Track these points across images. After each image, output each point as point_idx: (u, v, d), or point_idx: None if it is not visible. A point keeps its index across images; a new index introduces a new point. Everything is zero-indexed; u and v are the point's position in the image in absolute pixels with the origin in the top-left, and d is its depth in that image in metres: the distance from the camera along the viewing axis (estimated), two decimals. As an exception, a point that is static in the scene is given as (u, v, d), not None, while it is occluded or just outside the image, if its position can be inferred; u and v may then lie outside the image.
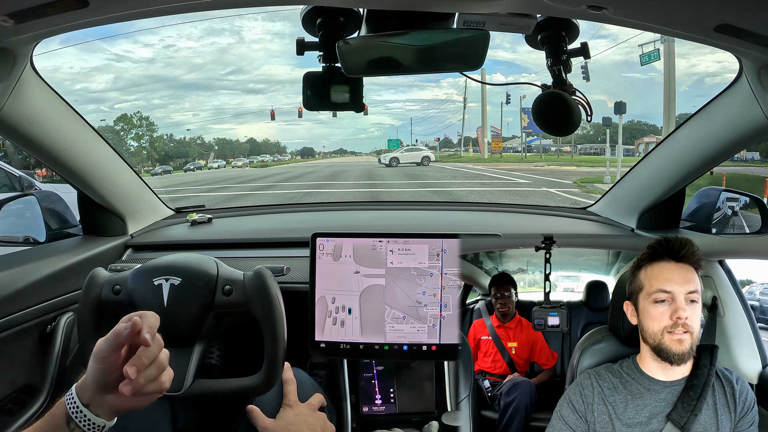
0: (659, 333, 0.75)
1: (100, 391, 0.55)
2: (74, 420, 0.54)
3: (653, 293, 0.76)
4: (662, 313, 0.75)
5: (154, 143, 45.68)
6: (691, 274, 0.76)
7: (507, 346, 1.26)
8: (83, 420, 0.54)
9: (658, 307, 0.75)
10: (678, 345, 0.74)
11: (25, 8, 0.60)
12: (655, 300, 0.76)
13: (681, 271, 0.76)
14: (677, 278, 0.75)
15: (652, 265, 0.78)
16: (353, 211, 1.55)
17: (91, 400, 0.55)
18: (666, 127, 18.51)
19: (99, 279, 0.77)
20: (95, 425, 0.54)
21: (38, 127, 0.89)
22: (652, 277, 0.77)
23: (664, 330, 0.75)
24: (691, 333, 0.74)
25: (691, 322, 0.74)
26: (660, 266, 0.77)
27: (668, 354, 0.75)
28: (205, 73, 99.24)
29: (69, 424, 0.54)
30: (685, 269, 0.76)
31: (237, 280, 0.78)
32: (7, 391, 0.89)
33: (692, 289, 0.75)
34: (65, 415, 0.54)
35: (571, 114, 0.74)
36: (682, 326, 0.74)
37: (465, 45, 0.70)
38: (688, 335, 0.74)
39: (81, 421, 0.54)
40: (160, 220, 1.35)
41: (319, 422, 0.80)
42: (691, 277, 0.76)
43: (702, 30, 0.63)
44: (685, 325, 0.74)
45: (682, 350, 0.74)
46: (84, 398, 0.55)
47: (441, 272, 0.92)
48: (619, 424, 0.77)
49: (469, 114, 48.23)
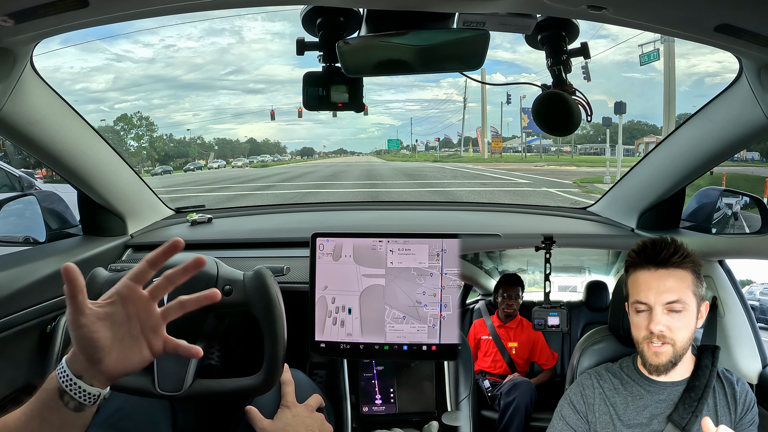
0: (641, 342, 0.74)
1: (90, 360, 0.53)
2: (68, 392, 0.52)
3: (633, 303, 0.75)
4: (641, 323, 0.74)
5: (154, 143, 45.71)
6: (673, 281, 0.72)
7: (507, 346, 1.26)
8: (77, 391, 0.52)
9: (639, 316, 0.74)
10: (654, 357, 0.73)
11: (25, 8, 0.60)
12: (636, 309, 0.74)
13: (661, 279, 0.72)
14: (655, 288, 0.72)
15: (634, 273, 0.76)
16: (353, 211, 1.55)
17: (84, 371, 0.53)
18: (666, 127, 18.53)
19: (99, 279, 0.77)
20: (90, 395, 0.53)
21: (38, 127, 0.89)
22: (632, 285, 0.76)
23: (644, 339, 0.74)
24: (672, 345, 0.72)
25: (671, 334, 0.72)
26: (639, 274, 0.75)
27: (645, 363, 0.75)
28: (205, 73, 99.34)
29: (63, 397, 0.52)
30: (666, 275, 0.72)
31: (237, 280, 0.77)
32: (7, 391, 0.89)
33: (671, 299, 0.71)
34: (57, 389, 0.52)
35: (571, 114, 0.74)
36: (658, 338, 0.72)
37: (465, 45, 0.70)
38: (668, 347, 0.72)
39: (75, 393, 0.52)
40: (160, 220, 1.35)
41: (317, 423, 0.80)
42: (672, 284, 0.72)
43: (702, 30, 0.63)
44: (662, 337, 0.72)
45: (658, 362, 0.73)
46: (76, 369, 0.53)
47: (441, 272, 0.92)
48: (620, 424, 0.76)
49: (469, 114, 48.28)
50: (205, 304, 0.58)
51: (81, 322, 0.52)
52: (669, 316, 0.72)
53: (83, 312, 0.52)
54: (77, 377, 0.53)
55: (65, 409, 0.52)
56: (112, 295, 0.55)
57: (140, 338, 0.55)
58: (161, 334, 0.57)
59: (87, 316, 0.53)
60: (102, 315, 0.53)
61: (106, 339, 0.53)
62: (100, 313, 0.53)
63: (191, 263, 0.56)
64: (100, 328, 0.53)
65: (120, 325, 0.54)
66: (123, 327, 0.55)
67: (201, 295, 0.57)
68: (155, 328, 0.56)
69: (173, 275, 0.56)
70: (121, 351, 0.54)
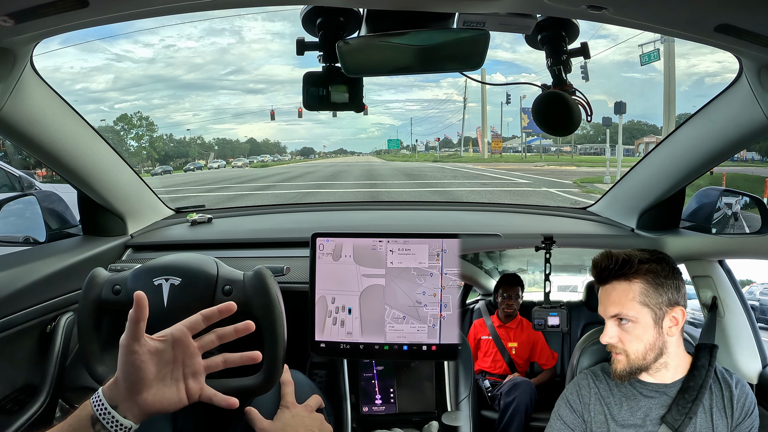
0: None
1: (130, 391, 0.55)
2: (101, 421, 0.54)
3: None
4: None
5: (154, 143, 45.73)
6: (618, 294, 0.74)
7: (507, 346, 1.26)
8: (111, 421, 0.54)
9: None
10: (615, 364, 0.76)
11: (25, 8, 0.60)
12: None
13: (608, 293, 0.76)
14: (603, 302, 0.76)
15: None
16: (353, 211, 1.55)
17: (120, 401, 0.55)
18: (666, 127, 18.53)
19: (99, 279, 0.77)
20: (122, 426, 0.54)
21: (38, 127, 0.89)
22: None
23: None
24: (625, 355, 0.74)
25: (622, 345, 0.74)
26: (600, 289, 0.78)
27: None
28: (205, 73, 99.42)
29: (95, 425, 0.54)
30: (610, 290, 0.75)
31: (237, 280, 0.77)
32: (7, 391, 0.89)
33: (615, 312, 0.74)
34: (90, 416, 0.54)
35: (571, 114, 0.74)
36: (609, 348, 0.75)
37: (465, 45, 0.70)
38: (622, 357, 0.74)
39: (108, 422, 0.54)
40: (160, 220, 1.35)
41: (317, 423, 0.80)
42: (617, 297, 0.74)
43: (702, 30, 0.63)
44: (613, 347, 0.75)
45: (616, 369, 0.75)
46: (112, 399, 0.55)
47: (441, 272, 0.92)
48: (614, 425, 0.76)
49: (469, 114, 48.32)
50: (243, 335, 0.63)
51: (135, 348, 0.55)
52: (619, 328, 0.75)
53: (139, 339, 0.55)
54: (113, 407, 0.55)
55: None
56: (166, 335, 0.59)
57: (181, 381, 0.59)
58: (201, 382, 0.61)
59: (142, 344, 0.56)
60: (153, 349, 0.57)
61: (151, 372, 0.56)
62: (152, 347, 0.57)
63: (242, 326, 0.62)
64: (148, 360, 0.56)
65: (166, 363, 0.58)
66: (168, 366, 0.58)
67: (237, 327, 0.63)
68: (196, 375, 0.60)
69: (224, 334, 0.62)
70: (161, 388, 0.57)
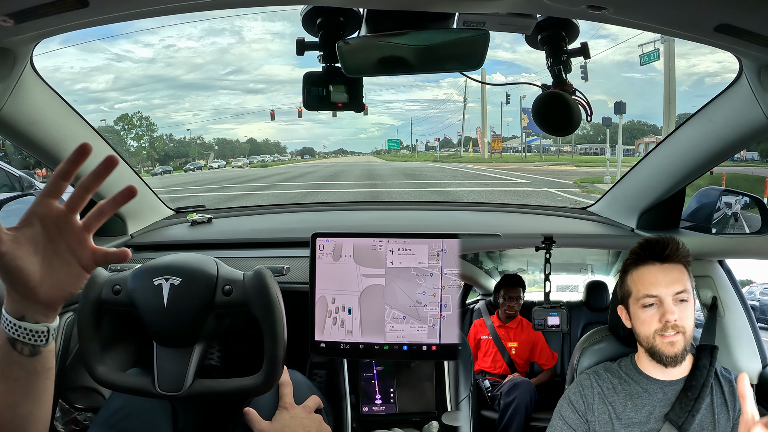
0: (651, 336, 0.75)
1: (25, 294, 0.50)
2: (18, 339, 0.50)
3: (641, 298, 0.76)
4: (651, 317, 0.75)
5: (154, 143, 45.75)
6: (678, 273, 0.75)
7: (507, 346, 1.26)
8: (25, 334, 0.50)
9: (647, 311, 0.75)
10: (670, 347, 0.74)
11: (25, 8, 0.60)
12: (643, 305, 0.75)
13: (667, 272, 0.75)
14: (663, 280, 0.75)
15: (637, 270, 0.77)
16: (353, 211, 1.55)
17: (23, 309, 0.50)
18: (666, 127, 18.53)
19: (99, 279, 0.77)
20: (39, 333, 0.50)
21: (38, 127, 0.89)
22: (638, 281, 0.77)
23: (655, 333, 0.75)
24: (683, 333, 0.74)
25: (682, 323, 0.74)
26: (645, 270, 0.77)
27: (661, 357, 0.75)
28: (205, 73, 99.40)
29: (15, 346, 0.50)
30: (671, 269, 0.75)
31: (237, 280, 0.77)
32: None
33: (680, 289, 0.74)
34: (7, 340, 0.50)
35: (571, 114, 0.74)
36: (672, 328, 0.74)
37: (465, 45, 0.70)
38: (680, 336, 0.74)
39: (24, 336, 0.50)
40: (160, 220, 1.35)
41: (315, 424, 0.80)
42: (677, 276, 0.75)
43: (702, 30, 0.63)
44: (675, 326, 0.74)
45: (674, 352, 0.74)
46: (16, 311, 0.50)
47: (441, 272, 0.92)
48: (618, 424, 0.77)
49: (469, 114, 48.31)
50: (122, 203, 0.55)
51: (1, 250, 0.48)
52: (678, 306, 0.74)
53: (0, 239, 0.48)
54: (20, 320, 0.50)
55: (22, 358, 0.50)
56: (27, 216, 0.51)
57: (68, 256, 0.52)
58: (88, 245, 0.53)
59: (5, 242, 0.48)
60: (22, 239, 0.49)
61: (34, 264, 0.50)
62: (20, 238, 0.49)
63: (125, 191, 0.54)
64: (23, 254, 0.49)
65: (44, 247, 0.51)
66: (48, 249, 0.51)
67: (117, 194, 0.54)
68: (80, 241, 0.52)
69: (87, 182, 0.53)
70: (53, 275, 0.51)
